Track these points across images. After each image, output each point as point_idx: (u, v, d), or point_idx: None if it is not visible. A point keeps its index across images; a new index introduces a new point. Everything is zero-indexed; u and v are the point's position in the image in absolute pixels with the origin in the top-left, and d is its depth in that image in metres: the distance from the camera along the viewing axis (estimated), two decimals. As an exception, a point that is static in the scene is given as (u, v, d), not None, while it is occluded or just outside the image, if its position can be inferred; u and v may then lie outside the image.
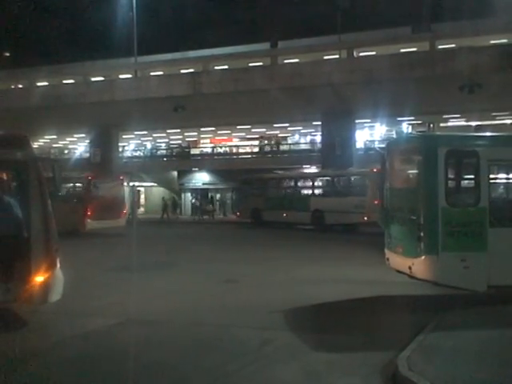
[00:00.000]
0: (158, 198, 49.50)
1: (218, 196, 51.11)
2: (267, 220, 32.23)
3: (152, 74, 47.02)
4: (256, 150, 51.65)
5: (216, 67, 47.23)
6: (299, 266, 15.97)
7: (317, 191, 31.30)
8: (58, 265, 8.83)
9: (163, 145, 55.88)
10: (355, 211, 26.74)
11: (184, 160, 51.30)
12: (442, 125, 42.82)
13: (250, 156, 50.00)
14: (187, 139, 54.18)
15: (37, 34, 58.94)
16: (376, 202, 24.98)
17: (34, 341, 8.29)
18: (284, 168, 40.12)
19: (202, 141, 54.77)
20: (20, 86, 51.27)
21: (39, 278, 8.45)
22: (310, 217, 29.78)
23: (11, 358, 7.33)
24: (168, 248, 20.59)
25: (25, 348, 7.81)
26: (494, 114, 38.73)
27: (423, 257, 9.70)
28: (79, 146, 53.20)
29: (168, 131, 49.34)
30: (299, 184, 32.74)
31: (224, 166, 47.57)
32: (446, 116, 40.43)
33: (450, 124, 42.63)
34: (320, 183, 31.56)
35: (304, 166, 42.56)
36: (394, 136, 38.45)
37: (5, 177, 9.47)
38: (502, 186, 11.00)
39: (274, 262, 16.93)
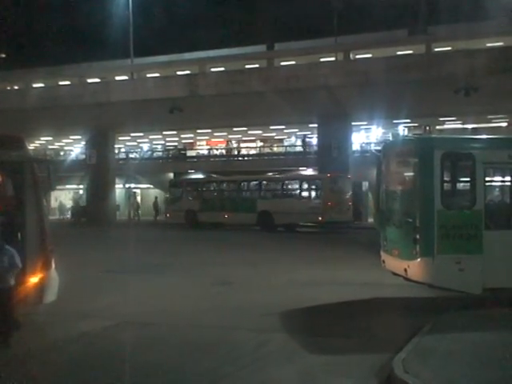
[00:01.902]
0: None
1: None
2: (203, 221, 32.54)
3: (148, 75, 46.98)
4: (252, 151, 51.86)
5: (212, 69, 47.22)
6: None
7: (266, 193, 32.04)
8: (53, 265, 8.81)
9: (159, 146, 55.86)
10: (310, 212, 28.54)
11: (180, 162, 51.26)
12: (438, 127, 42.91)
13: (246, 158, 50.06)
14: (183, 141, 54.17)
15: (33, 35, 59.04)
16: (329, 204, 28.17)
17: (29, 342, 8.24)
18: (279, 170, 40.18)
19: (198, 143, 54.77)
20: (16, 87, 51.17)
21: (34, 279, 8.42)
22: (256, 218, 30.46)
23: (6, 360, 7.30)
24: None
25: (20, 350, 7.78)
26: (489, 116, 38.85)
27: (419, 259, 9.70)
28: (75, 148, 53.10)
29: (164, 133, 49.29)
30: (246, 186, 33.42)
31: (220, 167, 47.54)
32: (443, 119, 40.52)
33: (446, 127, 42.74)
34: (270, 186, 32.45)
35: (300, 168, 42.61)
36: (390, 138, 38.68)
37: (0, 178, 9.44)
38: (497, 189, 11.02)
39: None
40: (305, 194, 30.54)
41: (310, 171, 39.79)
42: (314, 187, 30.25)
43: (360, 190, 35.26)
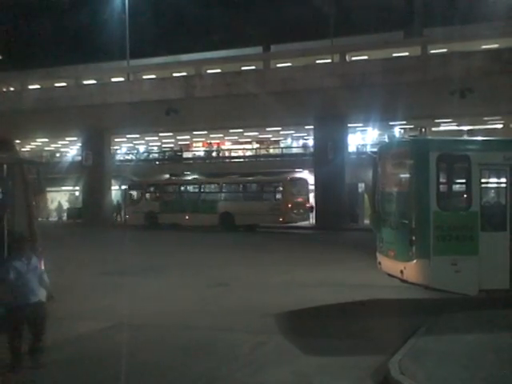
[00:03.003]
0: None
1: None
2: (163, 223, 32.91)
3: (144, 77, 46.91)
4: (248, 153, 51.84)
5: (209, 71, 47.17)
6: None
7: (227, 195, 32.78)
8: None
9: (155, 148, 55.78)
10: (271, 214, 29.94)
11: (176, 163, 51.19)
12: (433, 129, 42.94)
13: (242, 160, 50.00)
14: (179, 143, 54.11)
15: (29, 36, 58.96)
16: (289, 206, 29.76)
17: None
18: (275, 172, 40.16)
19: (194, 144, 54.70)
20: (12, 88, 51.00)
21: None
22: (217, 219, 31.33)
23: (5, 361, 7.28)
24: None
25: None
26: (485, 118, 38.90)
27: (415, 261, 9.70)
28: (71, 149, 52.96)
29: (160, 135, 49.21)
30: (208, 188, 33.84)
31: (216, 169, 47.47)
32: (438, 120, 40.55)
33: (441, 128, 42.78)
34: (232, 188, 33.34)
35: (297, 170, 42.57)
36: (386, 140, 38.66)
37: None
38: (493, 190, 11.03)
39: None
40: (266, 196, 31.65)
41: (305, 173, 39.78)
42: (274, 190, 31.43)
43: (356, 192, 35.27)
